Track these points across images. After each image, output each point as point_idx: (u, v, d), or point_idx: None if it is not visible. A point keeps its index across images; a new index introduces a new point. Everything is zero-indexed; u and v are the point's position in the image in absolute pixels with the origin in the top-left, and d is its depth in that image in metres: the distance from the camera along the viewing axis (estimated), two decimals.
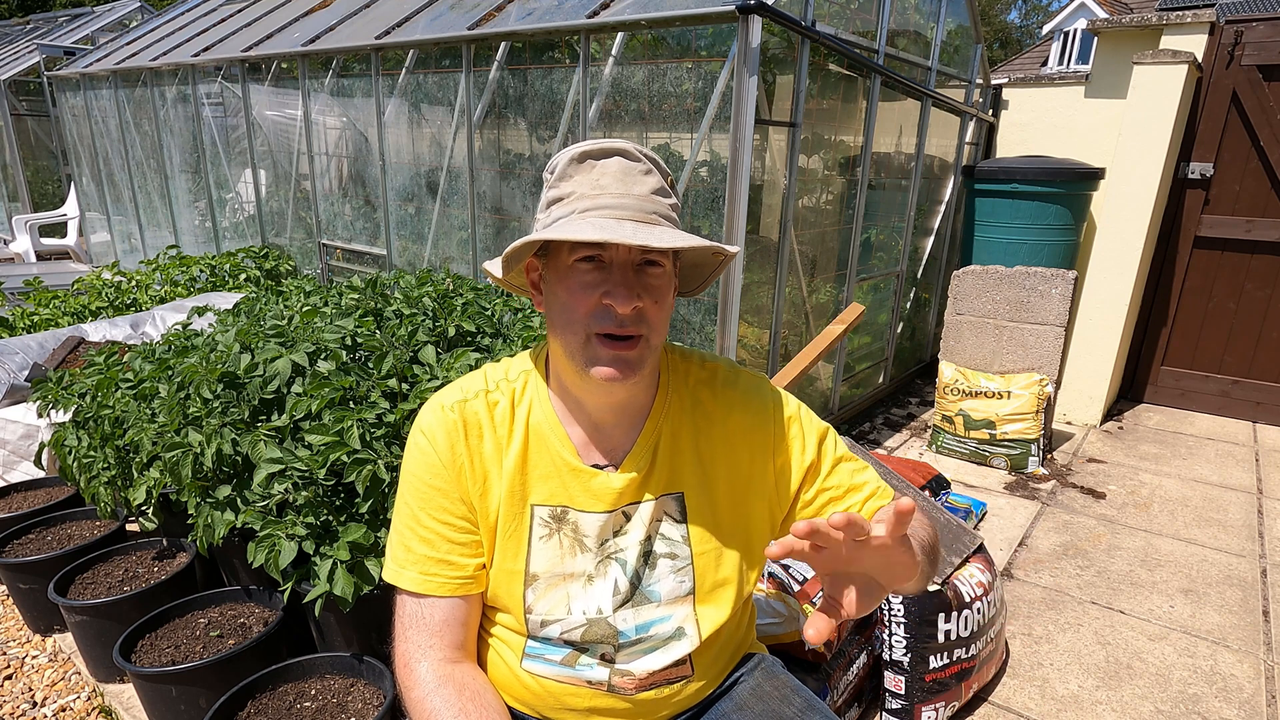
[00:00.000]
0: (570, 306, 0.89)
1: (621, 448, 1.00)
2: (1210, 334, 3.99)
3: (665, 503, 1.01)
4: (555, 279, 0.91)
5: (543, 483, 0.99)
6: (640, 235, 0.81)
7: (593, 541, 1.00)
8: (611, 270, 0.87)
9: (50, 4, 20.52)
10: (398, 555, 1.00)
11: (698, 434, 1.02)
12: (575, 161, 0.90)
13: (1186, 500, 3.06)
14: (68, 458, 2.02)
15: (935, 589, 1.74)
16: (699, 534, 1.02)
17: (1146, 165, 3.49)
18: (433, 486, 0.98)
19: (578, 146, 0.90)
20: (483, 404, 1.00)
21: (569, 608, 0.99)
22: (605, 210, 0.86)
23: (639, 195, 0.88)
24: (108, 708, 1.87)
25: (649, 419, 1.01)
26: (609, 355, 0.88)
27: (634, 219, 0.86)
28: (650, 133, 2.86)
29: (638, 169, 0.89)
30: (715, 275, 1.01)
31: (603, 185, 0.88)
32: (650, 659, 1.01)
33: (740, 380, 1.05)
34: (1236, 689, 1.97)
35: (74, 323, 3.65)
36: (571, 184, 0.90)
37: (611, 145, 0.89)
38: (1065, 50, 15.44)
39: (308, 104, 4.11)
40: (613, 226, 0.83)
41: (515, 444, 0.99)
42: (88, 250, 6.86)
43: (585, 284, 0.88)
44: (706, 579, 1.02)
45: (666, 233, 0.84)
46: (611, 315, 0.87)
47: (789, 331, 3.15)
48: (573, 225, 0.85)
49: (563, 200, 0.90)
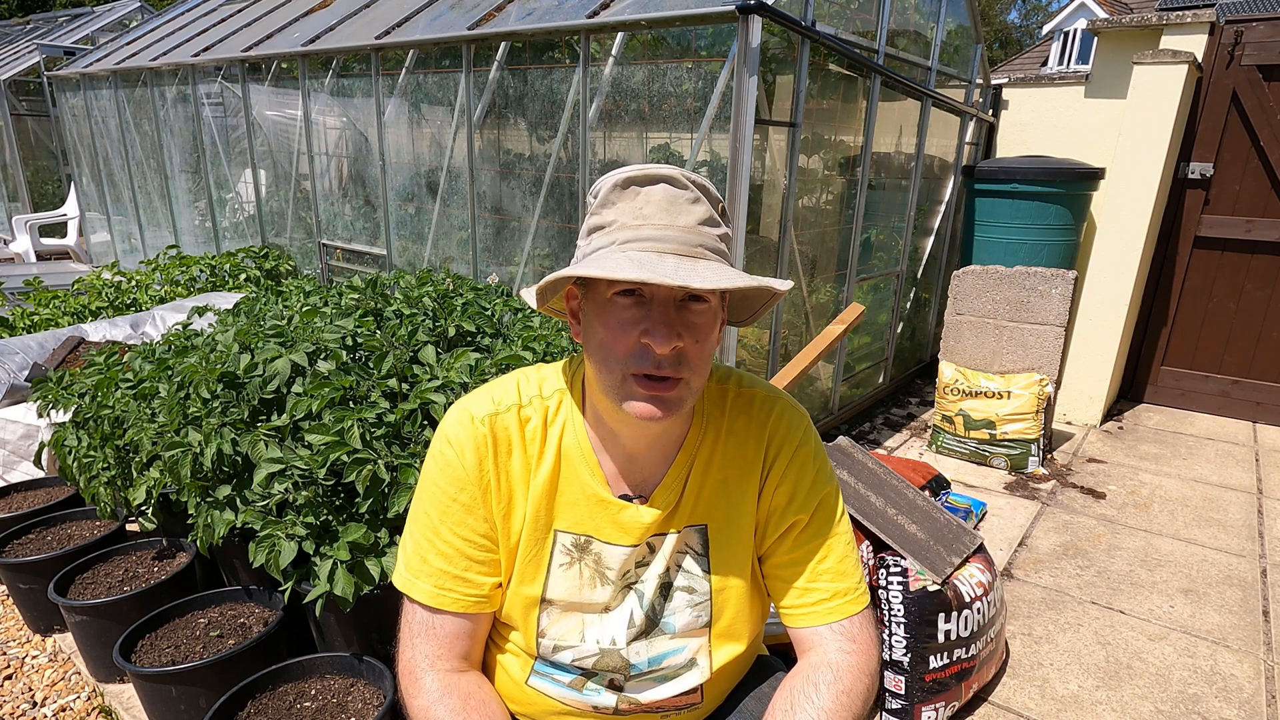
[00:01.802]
0: (608, 343, 0.84)
1: (652, 480, 0.97)
2: (1210, 334, 3.99)
3: (688, 534, 0.99)
4: (594, 312, 0.87)
5: (569, 510, 0.96)
6: (681, 274, 0.75)
7: (615, 574, 0.97)
8: (652, 307, 0.82)
9: (50, 4, 20.52)
10: (412, 564, 0.97)
11: (728, 463, 0.98)
12: (619, 188, 0.85)
13: (1186, 500, 3.06)
14: (68, 458, 2.02)
15: (935, 589, 1.74)
16: (720, 568, 0.99)
17: (1146, 165, 3.49)
18: (456, 501, 0.95)
19: (622, 171, 0.85)
20: (514, 419, 0.95)
21: (583, 635, 0.97)
22: (647, 243, 0.81)
23: (684, 226, 0.83)
24: (108, 708, 1.87)
25: (682, 450, 0.97)
26: (645, 395, 0.84)
27: (677, 252, 0.81)
28: (650, 133, 2.86)
29: (684, 197, 0.84)
30: (768, 307, 0.95)
31: (646, 215, 0.83)
32: (661, 689, 0.99)
33: (776, 407, 1.01)
34: (1236, 689, 1.97)
35: (74, 323, 3.65)
36: (614, 212, 0.85)
37: (657, 171, 0.84)
38: (1065, 50, 15.46)
39: (308, 104, 4.11)
40: (653, 262, 0.78)
41: (545, 466, 0.95)
42: (88, 250, 6.86)
43: (624, 321, 0.83)
44: (724, 614, 1.00)
45: (711, 269, 0.79)
46: (649, 356, 0.83)
47: (789, 331, 3.15)
48: (611, 259, 0.80)
49: (604, 229, 0.85)
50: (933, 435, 3.52)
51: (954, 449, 3.42)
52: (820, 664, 0.96)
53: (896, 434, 3.74)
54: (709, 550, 0.99)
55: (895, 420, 3.93)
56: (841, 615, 0.99)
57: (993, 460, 3.32)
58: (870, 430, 3.77)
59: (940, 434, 3.47)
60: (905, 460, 2.95)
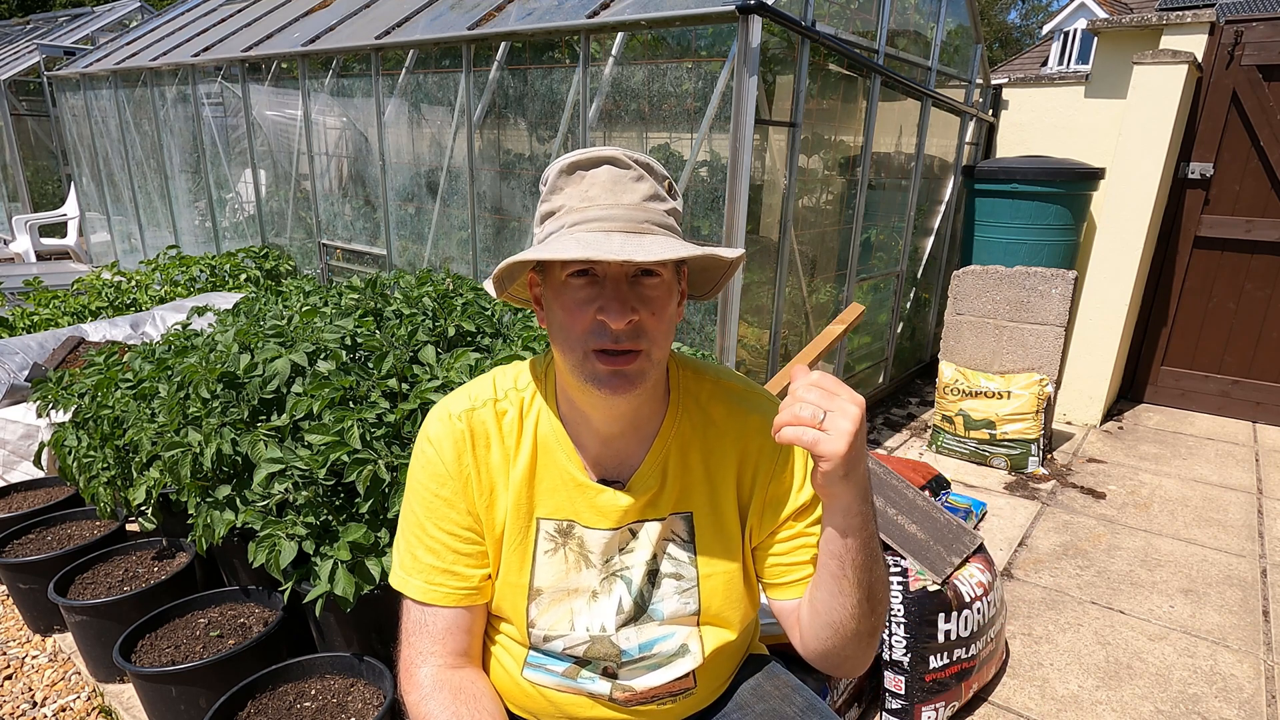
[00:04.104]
0: (566, 325, 0.87)
1: (630, 465, 0.99)
2: (1210, 334, 3.99)
3: (673, 522, 1.00)
4: (552, 295, 0.89)
5: (549, 496, 0.98)
6: (627, 249, 0.78)
7: (598, 558, 0.98)
8: (605, 285, 0.85)
9: (50, 4, 20.52)
10: (404, 562, 0.99)
11: (709, 453, 1.00)
12: (564, 173, 0.87)
13: (1186, 500, 3.06)
14: (67, 458, 2.02)
15: (935, 589, 1.74)
16: (706, 555, 1.00)
17: (1146, 165, 3.49)
18: (439, 497, 0.97)
19: (567, 157, 0.88)
20: (491, 413, 0.98)
21: (572, 623, 0.98)
22: (594, 223, 0.84)
23: (629, 204, 0.85)
24: (108, 708, 1.87)
25: (658, 437, 0.99)
26: (606, 371, 0.86)
27: (624, 229, 0.83)
28: (650, 133, 2.86)
29: (628, 176, 0.86)
30: (726, 278, 0.98)
31: (591, 196, 0.85)
32: (653, 675, 1.00)
33: (754, 399, 1.02)
34: (1236, 689, 1.97)
35: (74, 323, 3.65)
36: (562, 197, 0.87)
37: (600, 154, 0.86)
38: (1065, 50, 15.46)
39: (308, 104, 4.11)
40: (599, 241, 0.80)
41: (523, 456, 0.97)
42: (88, 250, 6.86)
43: (579, 300, 0.85)
44: (713, 601, 1.01)
45: (656, 243, 0.81)
46: (606, 332, 0.85)
47: (789, 331, 3.15)
48: (560, 241, 0.83)
49: (554, 214, 0.87)
50: (933, 435, 3.52)
51: (954, 449, 3.42)
52: None
53: (896, 434, 3.74)
54: (695, 537, 1.00)
55: (895, 420, 3.94)
56: None
57: (993, 460, 3.32)
58: (870, 430, 3.77)
59: (940, 434, 3.47)
60: (905, 460, 2.95)
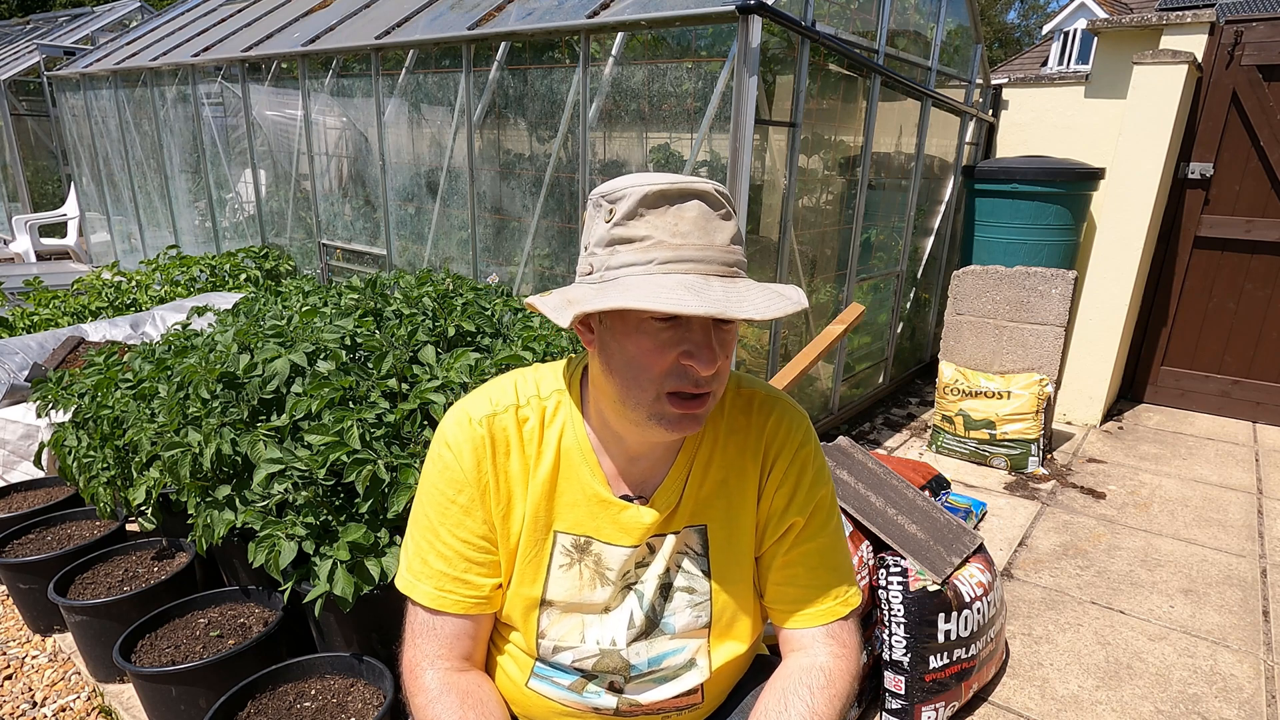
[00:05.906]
0: (643, 365, 0.83)
1: (653, 480, 0.97)
2: (1210, 334, 3.99)
3: (688, 535, 0.99)
4: (621, 330, 0.84)
5: (569, 510, 0.96)
6: (733, 301, 0.76)
7: (615, 575, 0.97)
8: (691, 329, 0.81)
9: (50, 4, 20.51)
10: (413, 565, 0.97)
11: (728, 465, 0.98)
12: (648, 201, 0.80)
13: (1186, 500, 3.06)
14: (67, 458, 2.02)
15: (935, 589, 1.74)
16: (720, 568, 0.99)
17: (1146, 165, 3.49)
18: (455, 503, 0.95)
19: (650, 182, 0.80)
20: (512, 419, 0.95)
21: (583, 636, 0.97)
22: (689, 264, 0.79)
23: (720, 246, 0.81)
24: (108, 708, 1.87)
25: (682, 451, 0.97)
26: (678, 414, 0.84)
27: (720, 274, 0.80)
28: (650, 133, 2.86)
29: (717, 215, 0.81)
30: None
31: (683, 233, 0.79)
32: (661, 689, 0.99)
33: (773, 404, 1.01)
34: (1236, 689, 1.97)
35: (74, 323, 3.65)
36: (645, 227, 0.80)
37: (690, 186, 0.80)
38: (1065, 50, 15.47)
39: (308, 104, 4.10)
40: (700, 287, 0.76)
41: (544, 467, 0.95)
42: (88, 250, 6.86)
43: (662, 342, 0.81)
44: (724, 614, 1.00)
45: (752, 291, 0.79)
46: (689, 375, 0.82)
47: (789, 331, 3.15)
48: (655, 281, 0.77)
49: (634, 244, 0.80)
50: (933, 435, 3.52)
51: (954, 449, 3.42)
52: (812, 666, 0.97)
53: (896, 434, 3.74)
54: (709, 550, 0.99)
55: (895, 420, 3.93)
56: (833, 618, 0.99)
57: (993, 460, 3.32)
58: (870, 430, 3.77)
59: (940, 434, 3.47)
60: (905, 460, 2.95)
